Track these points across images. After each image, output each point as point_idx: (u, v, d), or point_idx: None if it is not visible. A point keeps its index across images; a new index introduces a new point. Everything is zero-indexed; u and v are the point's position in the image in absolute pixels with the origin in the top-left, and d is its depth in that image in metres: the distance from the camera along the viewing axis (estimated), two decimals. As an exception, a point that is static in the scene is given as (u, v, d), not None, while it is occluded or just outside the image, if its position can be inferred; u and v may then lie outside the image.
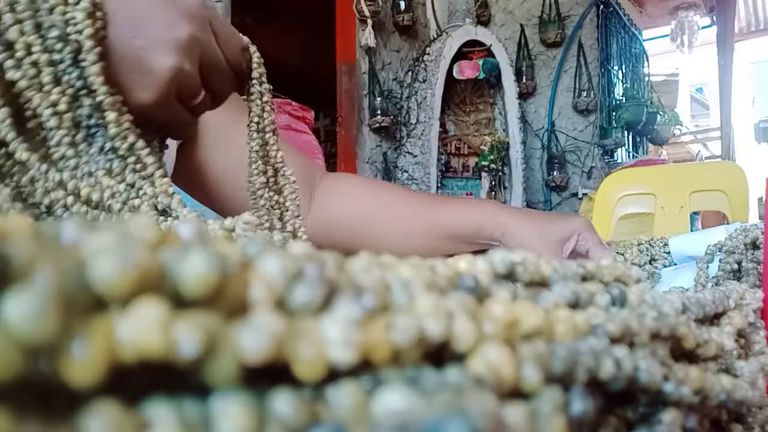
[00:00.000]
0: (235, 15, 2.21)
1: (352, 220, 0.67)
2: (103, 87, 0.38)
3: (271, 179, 0.48)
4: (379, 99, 2.69)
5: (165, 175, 0.42)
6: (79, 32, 0.37)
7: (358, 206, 0.67)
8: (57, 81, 0.38)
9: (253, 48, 0.48)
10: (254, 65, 0.47)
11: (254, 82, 0.48)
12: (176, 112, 0.43)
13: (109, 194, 0.39)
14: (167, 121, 0.43)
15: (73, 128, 0.40)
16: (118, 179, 0.40)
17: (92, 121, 0.40)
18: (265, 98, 0.48)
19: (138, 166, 0.40)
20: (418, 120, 2.75)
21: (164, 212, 0.39)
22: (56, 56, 0.38)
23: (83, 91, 0.39)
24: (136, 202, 0.40)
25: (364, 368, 0.12)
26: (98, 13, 0.38)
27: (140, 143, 0.41)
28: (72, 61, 0.38)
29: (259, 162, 0.48)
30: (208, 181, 0.61)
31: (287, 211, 0.48)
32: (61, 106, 0.38)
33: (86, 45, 0.37)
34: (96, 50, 0.38)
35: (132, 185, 0.40)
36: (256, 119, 0.48)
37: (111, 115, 0.39)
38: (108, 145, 0.40)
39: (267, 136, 0.48)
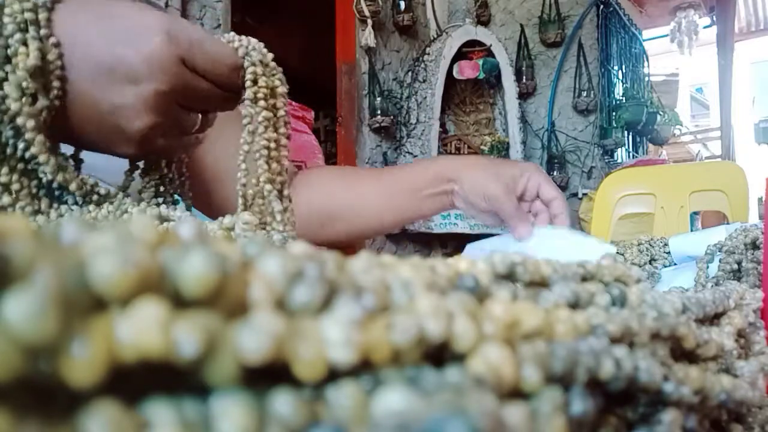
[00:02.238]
0: (235, 15, 2.21)
1: (325, 210, 0.68)
2: (49, 165, 0.36)
3: (259, 199, 0.45)
4: (379, 99, 2.68)
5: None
6: (17, 113, 0.35)
7: (328, 196, 0.69)
8: (6, 159, 0.36)
9: (248, 62, 0.42)
10: (248, 83, 0.42)
11: (246, 102, 0.43)
12: (168, 146, 0.42)
13: (92, 221, 0.38)
14: (162, 152, 0.43)
15: (33, 200, 0.37)
16: (98, 210, 0.39)
17: (55, 185, 0.38)
18: (261, 117, 0.43)
19: (120, 209, 0.39)
20: (418, 120, 2.75)
21: (160, 218, 0.39)
22: None
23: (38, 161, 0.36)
24: (125, 216, 0.39)
25: (364, 368, 0.12)
26: (55, 83, 0.36)
27: (112, 190, 0.40)
28: (14, 132, 0.35)
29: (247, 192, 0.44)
30: (195, 187, 0.61)
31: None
32: (14, 186, 0.36)
33: (28, 125, 0.35)
34: (35, 131, 0.35)
35: (116, 210, 0.40)
36: (246, 147, 0.44)
37: (72, 185, 0.37)
38: (80, 200, 0.39)
39: (259, 163, 0.44)
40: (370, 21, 2.58)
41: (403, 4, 2.80)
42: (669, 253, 0.62)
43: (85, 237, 0.10)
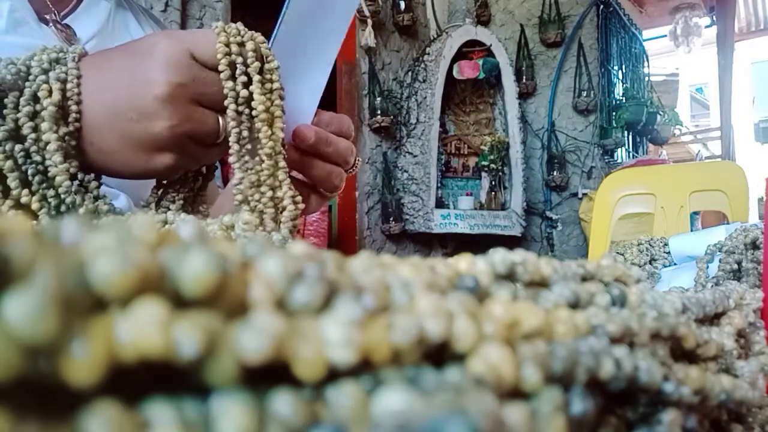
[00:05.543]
0: (235, 14, 2.21)
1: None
2: (63, 186, 0.40)
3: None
4: (379, 99, 2.69)
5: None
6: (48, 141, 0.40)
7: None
8: (27, 182, 0.40)
9: (223, 41, 0.41)
10: (222, 58, 0.41)
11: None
12: (199, 154, 0.44)
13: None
14: (192, 162, 0.45)
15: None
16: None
17: (64, 208, 0.42)
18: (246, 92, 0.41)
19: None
20: (418, 120, 2.75)
21: (164, 222, 0.40)
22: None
23: None
24: None
25: (364, 368, 0.12)
26: (73, 107, 0.40)
27: (129, 213, 0.42)
28: (39, 157, 0.40)
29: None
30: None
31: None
32: (34, 206, 0.41)
33: (50, 147, 0.39)
34: (58, 155, 0.39)
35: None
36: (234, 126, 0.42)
37: (82, 209, 0.41)
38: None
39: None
40: (370, 21, 2.58)
41: (403, 4, 2.80)
42: (669, 253, 0.62)
43: (85, 237, 0.10)
